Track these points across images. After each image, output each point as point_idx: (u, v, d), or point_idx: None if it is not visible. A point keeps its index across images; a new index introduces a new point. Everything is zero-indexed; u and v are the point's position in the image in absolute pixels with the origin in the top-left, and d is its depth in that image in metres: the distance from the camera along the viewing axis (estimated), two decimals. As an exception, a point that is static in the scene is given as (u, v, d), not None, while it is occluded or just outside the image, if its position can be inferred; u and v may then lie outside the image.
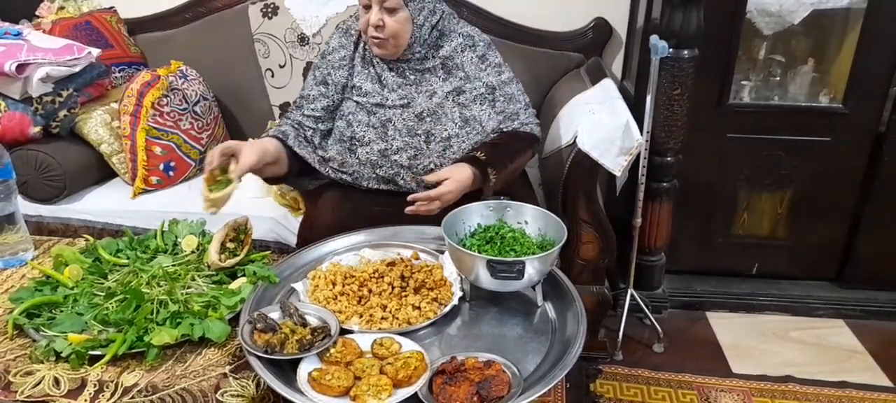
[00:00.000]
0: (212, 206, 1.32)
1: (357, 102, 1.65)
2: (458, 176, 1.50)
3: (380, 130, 1.62)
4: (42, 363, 1.11)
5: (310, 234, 1.58)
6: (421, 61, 1.64)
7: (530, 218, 1.31)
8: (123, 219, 1.91)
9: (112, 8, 2.41)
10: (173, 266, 1.34)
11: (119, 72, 2.30)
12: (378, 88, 1.65)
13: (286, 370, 1.04)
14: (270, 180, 1.67)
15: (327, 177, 1.68)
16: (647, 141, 1.90)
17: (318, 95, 1.68)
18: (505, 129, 1.67)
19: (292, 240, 1.80)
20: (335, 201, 1.66)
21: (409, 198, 1.49)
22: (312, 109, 1.67)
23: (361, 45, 1.68)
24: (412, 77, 1.64)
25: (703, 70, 1.98)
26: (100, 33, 2.28)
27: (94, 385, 1.07)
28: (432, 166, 1.61)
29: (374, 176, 1.64)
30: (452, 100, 1.63)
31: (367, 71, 1.67)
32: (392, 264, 1.30)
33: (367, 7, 1.57)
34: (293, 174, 1.66)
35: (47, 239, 1.60)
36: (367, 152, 1.63)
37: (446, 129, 1.62)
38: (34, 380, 1.08)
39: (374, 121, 1.63)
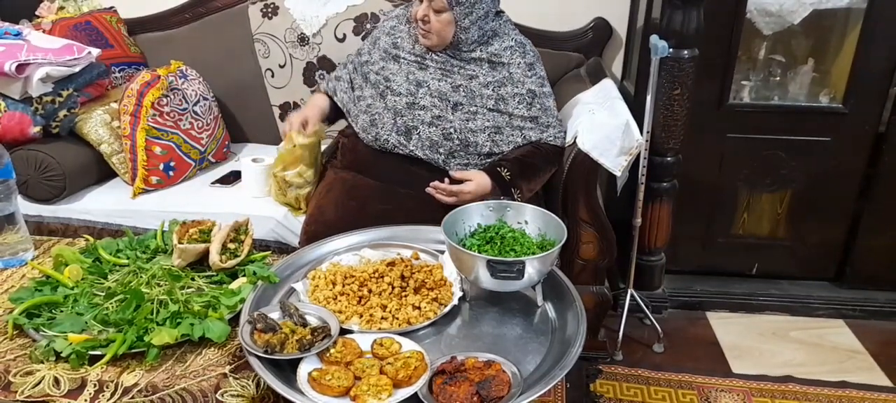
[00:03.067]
0: (177, 257, 1.33)
1: (396, 57, 1.75)
2: (481, 181, 1.61)
3: (412, 86, 1.71)
4: (42, 363, 1.11)
5: (314, 231, 1.59)
6: (468, 52, 1.71)
7: (530, 218, 1.31)
8: (123, 219, 1.91)
9: (112, 8, 2.41)
10: (173, 266, 1.34)
11: (119, 72, 2.30)
12: (420, 58, 1.74)
13: (286, 370, 1.04)
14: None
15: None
16: (647, 141, 1.90)
17: (378, 59, 1.79)
18: (534, 139, 1.72)
19: (293, 240, 1.80)
20: (339, 199, 1.67)
21: (433, 183, 1.60)
22: (367, 69, 1.81)
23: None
24: (456, 63, 1.72)
25: (703, 70, 1.98)
26: (100, 33, 2.28)
27: (94, 385, 1.07)
28: (451, 131, 1.69)
29: (393, 123, 1.71)
30: (492, 90, 1.70)
31: (413, 40, 1.75)
32: (392, 264, 1.30)
33: (421, 1, 1.65)
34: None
35: (47, 239, 1.60)
36: (394, 100, 1.72)
37: (475, 105, 1.69)
38: (34, 380, 1.08)
39: (410, 77, 1.72)
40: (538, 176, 1.72)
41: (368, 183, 1.72)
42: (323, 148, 1.96)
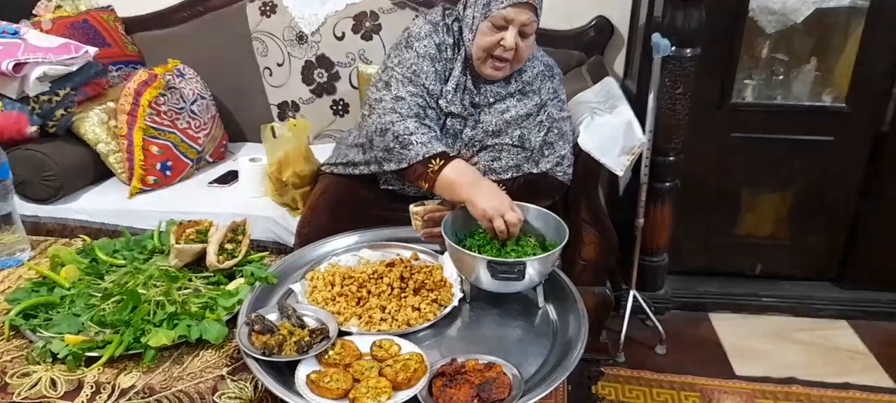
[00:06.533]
0: (174, 258, 1.32)
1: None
2: None
3: (449, 139, 1.61)
4: (39, 364, 1.10)
5: (308, 234, 1.57)
6: (505, 85, 1.63)
7: (531, 219, 1.30)
8: (120, 219, 1.90)
9: (109, 6, 2.40)
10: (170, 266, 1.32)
11: (116, 70, 2.29)
12: (457, 97, 1.60)
13: (284, 372, 1.03)
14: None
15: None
16: (649, 140, 1.89)
17: (440, 92, 1.59)
18: (545, 168, 1.63)
19: (291, 240, 1.79)
20: (334, 201, 1.65)
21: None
22: (439, 105, 1.60)
23: (459, 53, 1.62)
24: (492, 99, 1.63)
25: (705, 69, 1.96)
26: (97, 32, 2.27)
27: (91, 387, 1.06)
28: (479, 171, 1.58)
29: None
30: (516, 124, 1.63)
31: (455, 79, 1.61)
32: (391, 265, 1.29)
33: (501, 28, 1.50)
34: None
35: (44, 240, 1.59)
36: None
37: (501, 143, 1.62)
38: (31, 382, 1.07)
39: (447, 128, 1.61)
40: (535, 201, 1.57)
41: (364, 186, 1.70)
42: (319, 151, 1.93)
